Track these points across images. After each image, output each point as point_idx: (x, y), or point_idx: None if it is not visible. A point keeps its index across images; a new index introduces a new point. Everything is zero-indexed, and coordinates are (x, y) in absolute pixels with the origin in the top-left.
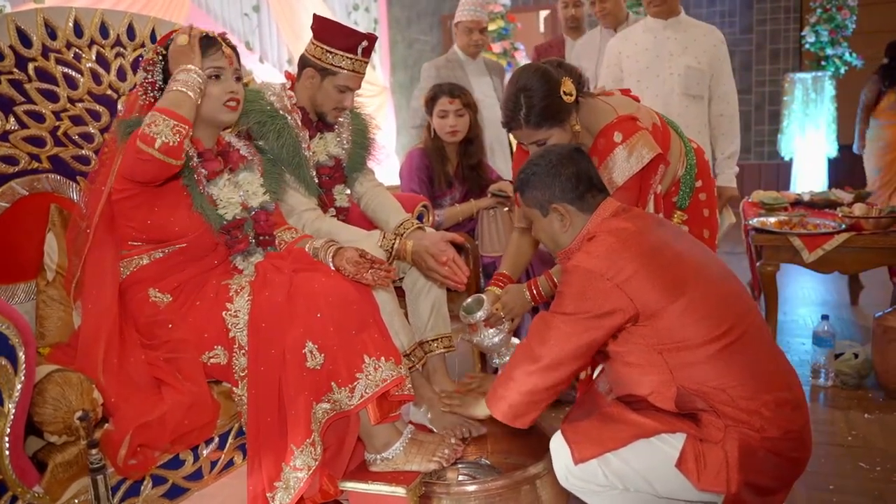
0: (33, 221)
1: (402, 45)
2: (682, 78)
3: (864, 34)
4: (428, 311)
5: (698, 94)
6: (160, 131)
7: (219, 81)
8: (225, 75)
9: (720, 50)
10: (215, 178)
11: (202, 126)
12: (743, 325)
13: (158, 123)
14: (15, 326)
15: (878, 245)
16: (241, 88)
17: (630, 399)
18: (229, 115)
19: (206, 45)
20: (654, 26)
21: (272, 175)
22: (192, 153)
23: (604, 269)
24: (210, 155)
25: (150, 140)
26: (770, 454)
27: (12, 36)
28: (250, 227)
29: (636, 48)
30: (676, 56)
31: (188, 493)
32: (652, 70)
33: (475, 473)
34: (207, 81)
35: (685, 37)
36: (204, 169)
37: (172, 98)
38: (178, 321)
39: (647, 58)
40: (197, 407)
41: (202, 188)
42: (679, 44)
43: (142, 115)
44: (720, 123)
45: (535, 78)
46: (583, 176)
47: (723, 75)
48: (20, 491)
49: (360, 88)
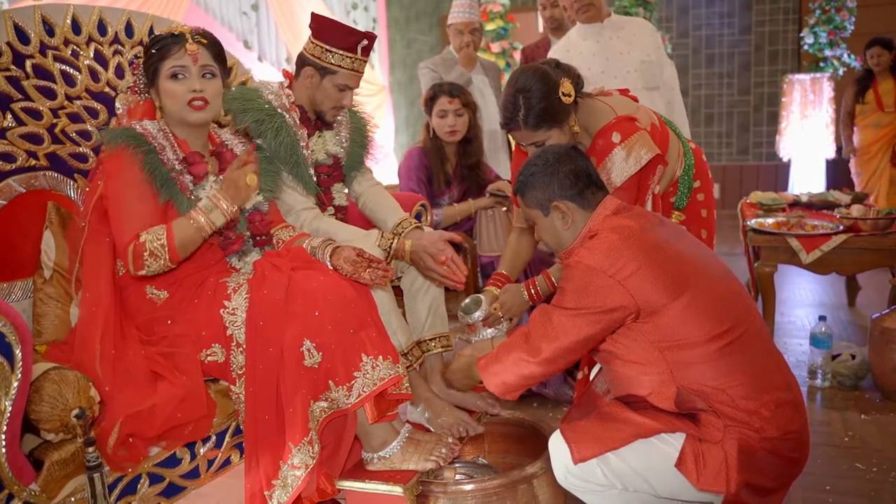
0: (30, 219)
1: (401, 44)
2: (640, 73)
3: (863, 36)
4: (426, 310)
5: (655, 85)
6: (150, 267)
7: (180, 81)
8: (187, 74)
9: (657, 39)
10: (202, 182)
11: (183, 127)
12: (743, 324)
13: (158, 258)
14: (12, 324)
15: (876, 246)
16: (213, 85)
17: (629, 399)
18: (196, 115)
19: (171, 43)
20: (591, 31)
21: (268, 173)
22: (174, 162)
23: (606, 265)
24: (196, 157)
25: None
26: (769, 454)
27: (10, 33)
28: (244, 227)
29: (582, 56)
30: (626, 54)
31: (185, 491)
32: (608, 73)
33: (472, 472)
34: (170, 81)
35: (626, 34)
36: (189, 174)
37: (189, 235)
38: (176, 317)
39: (598, 62)
40: (190, 400)
41: (189, 193)
42: (624, 41)
43: (131, 118)
44: (671, 111)
45: (534, 79)
46: (581, 173)
47: (665, 64)
48: (16, 489)
49: (358, 87)
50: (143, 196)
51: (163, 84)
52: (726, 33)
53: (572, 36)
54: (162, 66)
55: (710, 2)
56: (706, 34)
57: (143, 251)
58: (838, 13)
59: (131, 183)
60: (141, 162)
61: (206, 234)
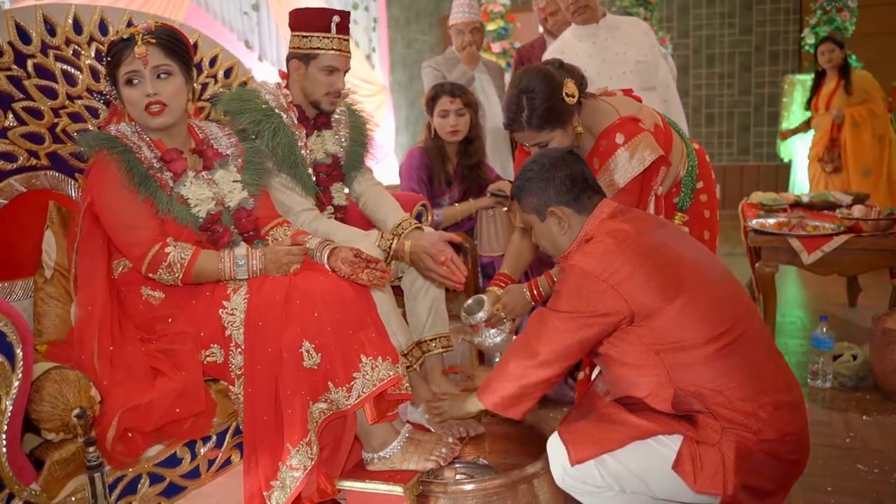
0: (31, 218)
1: (402, 44)
2: (636, 74)
3: (864, 36)
4: (426, 310)
5: (651, 85)
6: (161, 276)
7: (135, 86)
8: (140, 78)
9: (652, 38)
10: (181, 178)
11: (149, 130)
12: (741, 326)
13: (173, 273)
14: (13, 324)
15: (877, 247)
16: (169, 85)
17: (627, 401)
18: (156, 121)
19: (122, 48)
20: (587, 32)
21: (254, 166)
22: (152, 160)
23: (599, 269)
24: (173, 155)
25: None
26: (767, 456)
27: (11, 32)
28: (229, 220)
29: (578, 58)
30: (622, 54)
31: (185, 491)
32: (604, 74)
33: (473, 473)
34: (125, 88)
35: (621, 34)
36: (169, 171)
37: (210, 270)
38: (176, 315)
39: (594, 64)
40: (188, 395)
41: (170, 190)
42: (619, 42)
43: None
44: (667, 110)
45: (537, 80)
46: (577, 178)
47: (660, 63)
48: (17, 488)
49: (348, 68)
50: (128, 197)
51: (122, 91)
52: (727, 33)
53: (567, 37)
54: (118, 72)
55: (710, 2)
56: (707, 34)
57: (163, 261)
58: (839, 13)
59: (114, 185)
60: (118, 162)
61: (222, 278)
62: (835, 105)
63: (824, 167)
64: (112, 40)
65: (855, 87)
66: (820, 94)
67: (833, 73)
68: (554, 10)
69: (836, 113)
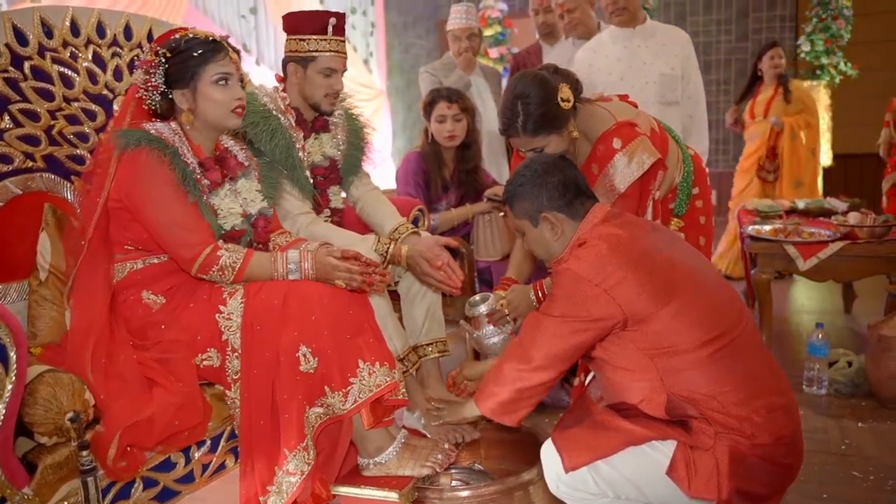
0: (27, 221)
1: (399, 49)
2: (658, 86)
3: (860, 44)
4: (422, 315)
5: (673, 100)
6: (213, 276)
7: (226, 87)
8: (232, 81)
9: (689, 51)
10: (217, 189)
11: (205, 132)
12: (734, 331)
13: (224, 275)
14: (6, 326)
15: (873, 254)
16: (244, 94)
17: (621, 406)
18: (235, 121)
19: (215, 48)
20: (622, 35)
21: (269, 180)
22: (194, 165)
23: (592, 274)
24: (210, 164)
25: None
26: (761, 461)
27: (8, 34)
28: (249, 237)
29: (607, 60)
30: (649, 64)
31: (179, 496)
32: (626, 81)
33: (468, 479)
34: (214, 87)
35: (655, 43)
36: (206, 179)
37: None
38: (170, 322)
39: (619, 69)
40: (187, 408)
41: (206, 197)
42: (650, 51)
43: (137, 119)
44: (690, 125)
45: (532, 85)
46: (569, 183)
47: (692, 77)
48: (9, 493)
49: (345, 69)
50: (178, 196)
51: (204, 88)
52: (723, 40)
53: (603, 37)
54: (204, 69)
55: (707, 8)
56: (703, 41)
57: (215, 264)
58: (835, 21)
59: (165, 184)
60: (170, 163)
61: (274, 279)
62: (773, 112)
63: (766, 176)
64: (195, 38)
65: (794, 96)
66: (756, 100)
67: (772, 80)
68: (547, 8)
69: (774, 120)
